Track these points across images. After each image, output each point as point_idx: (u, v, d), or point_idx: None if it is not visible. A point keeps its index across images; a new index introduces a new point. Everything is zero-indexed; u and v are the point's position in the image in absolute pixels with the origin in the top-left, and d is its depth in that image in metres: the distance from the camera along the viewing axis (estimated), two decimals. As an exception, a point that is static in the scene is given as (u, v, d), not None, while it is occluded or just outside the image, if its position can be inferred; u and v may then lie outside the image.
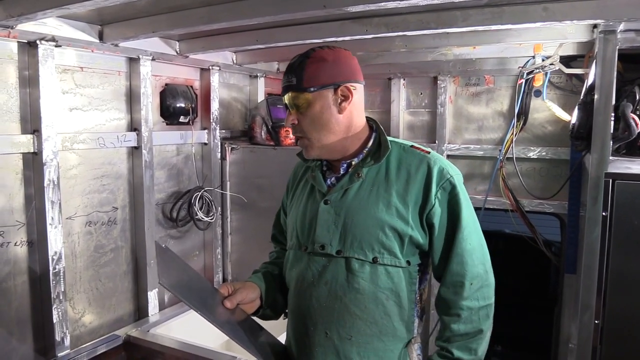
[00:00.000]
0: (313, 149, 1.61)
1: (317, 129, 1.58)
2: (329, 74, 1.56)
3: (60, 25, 2.38)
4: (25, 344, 2.46)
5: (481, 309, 1.55)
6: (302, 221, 1.67)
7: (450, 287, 1.56)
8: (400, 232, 1.54)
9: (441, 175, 1.55)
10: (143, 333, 2.83)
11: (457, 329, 1.54)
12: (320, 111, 1.56)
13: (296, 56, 1.61)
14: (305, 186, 1.75)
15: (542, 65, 3.06)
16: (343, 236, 1.57)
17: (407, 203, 1.54)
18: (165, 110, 3.17)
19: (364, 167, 1.59)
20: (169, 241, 3.30)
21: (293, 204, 1.77)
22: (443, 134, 3.67)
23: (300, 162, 1.84)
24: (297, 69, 1.56)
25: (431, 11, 2.27)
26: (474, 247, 1.56)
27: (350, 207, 1.57)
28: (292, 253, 1.72)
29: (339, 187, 1.61)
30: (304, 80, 1.54)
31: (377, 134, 1.66)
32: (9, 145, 2.32)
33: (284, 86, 1.60)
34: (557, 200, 3.30)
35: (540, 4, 2.10)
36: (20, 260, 2.42)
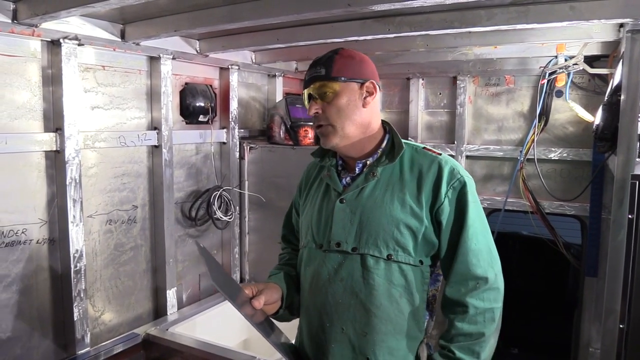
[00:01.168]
0: (335, 136, 1.62)
1: (341, 118, 1.61)
2: (356, 69, 1.62)
3: (83, 24, 2.40)
4: (46, 341, 2.48)
5: (487, 311, 1.55)
6: (317, 220, 1.70)
7: (455, 285, 1.57)
8: (415, 229, 1.57)
9: (452, 175, 1.59)
10: (162, 331, 2.84)
11: (460, 327, 1.54)
12: (347, 102, 1.60)
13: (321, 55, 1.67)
14: (319, 186, 1.77)
15: (566, 65, 3.02)
16: (359, 233, 1.60)
17: (420, 201, 1.58)
18: (184, 109, 3.18)
19: (378, 166, 1.64)
20: (188, 240, 3.31)
21: (307, 204, 1.80)
22: (462, 135, 3.64)
23: (313, 163, 1.88)
24: (326, 62, 1.61)
25: (455, 10, 2.25)
26: (479, 248, 1.57)
27: (366, 205, 1.61)
28: (307, 251, 1.73)
29: (354, 186, 1.64)
30: (332, 71, 1.60)
31: (391, 135, 1.71)
32: (32, 143, 2.33)
33: (311, 77, 1.63)
34: (578, 202, 3.26)
35: (566, 3, 2.08)
36: (42, 258, 2.44)
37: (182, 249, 3.27)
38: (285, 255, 1.96)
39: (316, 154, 1.82)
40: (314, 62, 1.66)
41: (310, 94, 1.64)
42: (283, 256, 1.97)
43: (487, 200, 3.60)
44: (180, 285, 3.24)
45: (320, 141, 1.70)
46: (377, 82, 1.67)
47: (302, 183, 1.90)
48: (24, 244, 2.35)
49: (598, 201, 3.13)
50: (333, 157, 1.76)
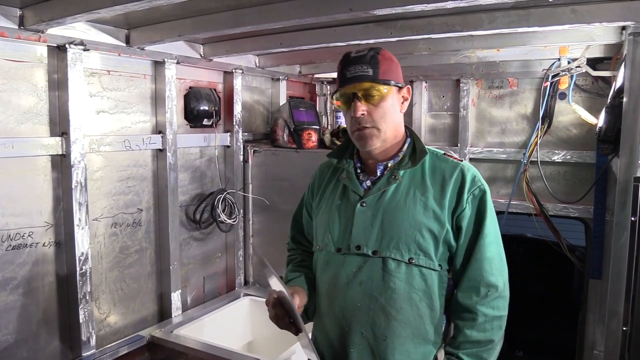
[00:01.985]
0: (378, 139, 1.62)
1: (386, 121, 1.61)
2: (397, 73, 1.65)
3: (88, 30, 2.43)
4: (52, 343, 2.50)
5: (495, 319, 1.59)
6: (336, 223, 1.68)
7: (466, 291, 1.60)
8: (437, 233, 1.58)
9: (473, 182, 1.62)
10: (166, 334, 2.85)
11: (469, 335, 1.57)
12: (392, 105, 1.61)
13: (356, 51, 1.63)
14: (335, 188, 1.75)
15: (569, 67, 3.02)
16: (380, 236, 1.59)
17: (443, 205, 1.59)
18: (189, 113, 3.21)
19: (400, 169, 1.63)
20: (192, 243, 3.33)
21: (322, 206, 1.77)
22: (465, 137, 3.65)
23: (326, 164, 1.86)
24: (372, 62, 1.58)
25: (457, 14, 2.27)
26: (493, 256, 1.61)
27: (388, 208, 1.60)
28: (323, 255, 1.71)
29: (375, 189, 1.63)
30: (380, 73, 1.57)
31: (412, 139, 1.71)
32: (38, 147, 2.36)
33: (356, 75, 1.58)
34: (582, 205, 3.25)
35: (568, 6, 2.08)
36: (48, 261, 2.46)
37: (187, 252, 3.28)
38: (296, 256, 1.94)
39: (333, 155, 1.81)
40: (354, 59, 1.61)
41: (355, 94, 1.60)
42: (294, 257, 1.94)
43: (490, 203, 3.60)
44: (185, 287, 3.26)
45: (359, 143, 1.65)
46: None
47: (315, 184, 1.87)
48: (30, 247, 2.38)
49: (602, 203, 3.12)
50: (350, 159, 1.74)
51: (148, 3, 1.77)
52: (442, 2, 1.78)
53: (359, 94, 1.58)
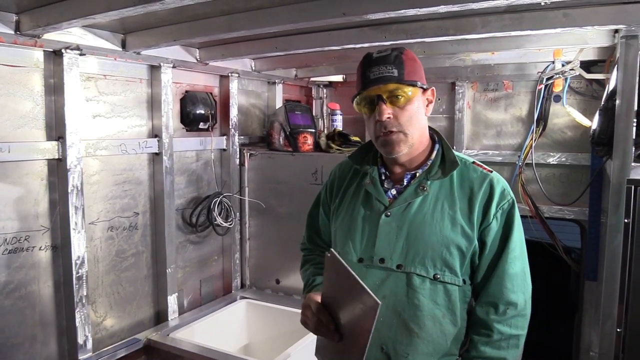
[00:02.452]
0: (406, 144, 1.54)
1: (413, 125, 1.53)
2: (422, 74, 1.56)
3: (84, 34, 2.44)
4: (49, 347, 2.51)
5: (512, 338, 1.53)
6: (359, 232, 1.60)
7: (485, 306, 1.54)
8: (464, 250, 1.52)
9: (502, 196, 1.54)
10: (163, 337, 2.86)
11: (483, 351, 1.52)
12: (417, 108, 1.53)
13: (378, 51, 1.55)
14: (357, 192, 1.67)
15: (562, 70, 3.04)
16: (405, 250, 1.52)
17: (472, 221, 1.52)
18: (185, 117, 3.21)
19: (428, 179, 1.56)
20: (189, 246, 3.33)
21: (342, 210, 1.69)
22: (461, 140, 3.66)
23: (346, 163, 1.77)
24: (396, 62, 1.49)
25: (450, 18, 2.28)
26: (516, 272, 1.54)
27: (414, 222, 1.53)
28: None
29: (402, 200, 1.55)
30: (405, 74, 1.48)
31: (441, 146, 1.64)
32: (35, 151, 2.37)
33: (381, 76, 1.48)
34: (577, 207, 3.27)
35: (560, 10, 2.10)
36: (45, 265, 2.47)
37: (183, 255, 3.29)
38: (314, 257, 1.86)
39: (354, 158, 1.71)
40: (377, 59, 1.51)
41: (380, 96, 1.50)
42: (311, 258, 1.85)
43: (486, 205, 3.61)
44: (182, 291, 3.26)
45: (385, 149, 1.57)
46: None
47: (334, 184, 1.78)
48: (26, 250, 2.38)
49: (597, 205, 3.14)
50: (374, 165, 1.66)
51: (143, 8, 1.78)
52: (434, 7, 1.80)
53: (384, 96, 1.50)
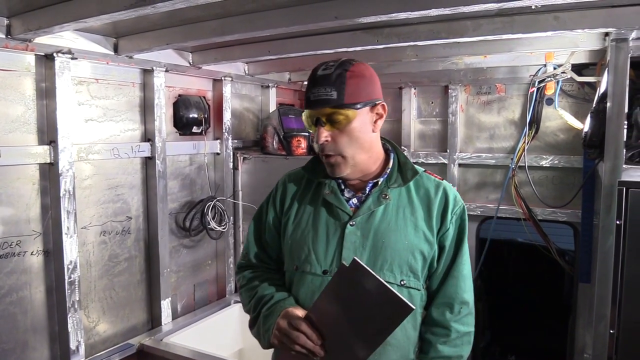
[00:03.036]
0: (347, 167, 1.54)
1: (353, 147, 1.51)
2: (368, 90, 1.51)
3: (76, 38, 2.43)
4: (41, 353, 2.49)
5: (465, 335, 1.60)
6: (323, 244, 1.58)
7: (441, 307, 1.60)
8: (426, 255, 1.56)
9: (455, 202, 1.61)
10: (156, 342, 2.85)
11: (442, 350, 1.56)
12: (359, 129, 1.50)
13: (324, 66, 1.51)
14: (314, 203, 1.64)
15: (554, 73, 3.06)
16: (372, 259, 1.53)
17: (431, 226, 1.57)
18: (178, 121, 3.21)
19: (389, 188, 1.57)
20: (182, 250, 3.32)
21: (296, 222, 1.65)
22: (454, 143, 3.68)
23: (294, 175, 1.75)
24: (337, 82, 1.45)
25: (442, 21, 2.29)
26: (467, 274, 1.62)
27: (379, 229, 1.54)
28: (302, 276, 1.59)
29: (366, 209, 1.55)
30: (345, 96, 1.45)
31: (396, 154, 1.65)
32: (26, 156, 2.36)
33: (320, 99, 1.47)
34: (570, 209, 3.29)
35: (551, 13, 2.11)
36: (37, 270, 2.46)
37: (177, 260, 3.28)
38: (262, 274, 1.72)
39: (307, 169, 1.70)
40: (319, 79, 1.48)
41: (319, 119, 1.50)
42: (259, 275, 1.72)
43: (480, 208, 3.63)
44: (175, 295, 3.25)
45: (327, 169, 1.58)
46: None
47: (285, 196, 1.72)
48: (18, 255, 2.37)
49: (589, 207, 3.15)
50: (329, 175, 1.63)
51: (135, 12, 1.78)
52: (425, 10, 1.81)
53: (323, 119, 1.49)
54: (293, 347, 1.42)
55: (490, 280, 4.62)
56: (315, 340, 1.39)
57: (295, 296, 1.60)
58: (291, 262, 1.63)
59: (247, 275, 1.74)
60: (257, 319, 1.60)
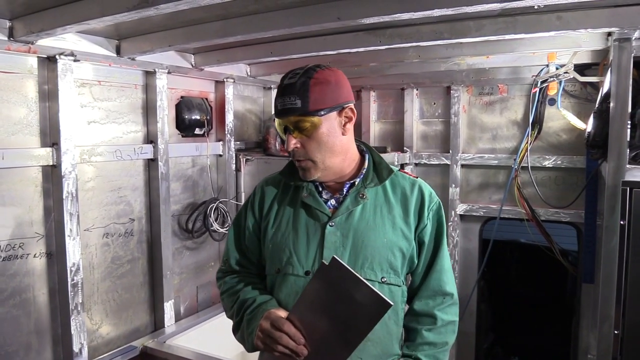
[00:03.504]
0: (317, 170, 1.58)
1: (322, 151, 1.55)
2: (334, 96, 1.53)
3: (78, 40, 2.44)
4: (44, 355, 2.49)
5: (450, 324, 1.65)
6: (303, 245, 1.60)
7: (424, 299, 1.65)
8: (405, 251, 1.61)
9: (431, 199, 1.66)
10: (159, 344, 2.84)
11: (427, 337, 1.62)
12: (327, 134, 1.53)
13: (291, 74, 1.55)
14: (293, 206, 1.66)
15: (557, 73, 3.05)
16: (353, 257, 1.56)
17: (409, 223, 1.62)
18: (180, 123, 3.21)
19: (366, 188, 1.61)
20: (185, 252, 3.32)
21: (275, 226, 1.67)
22: (457, 144, 3.67)
23: (272, 180, 1.77)
24: (301, 91, 1.49)
25: (444, 22, 2.29)
26: (448, 267, 1.68)
27: (358, 229, 1.58)
28: (284, 278, 1.61)
29: (344, 209, 1.59)
30: (309, 103, 1.49)
31: (371, 155, 1.69)
32: (29, 158, 2.36)
33: (285, 108, 1.51)
34: (573, 209, 3.28)
35: (554, 13, 2.11)
36: (39, 272, 2.46)
37: (179, 261, 3.28)
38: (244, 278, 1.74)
39: (285, 174, 1.71)
40: (285, 88, 1.52)
41: (287, 127, 1.54)
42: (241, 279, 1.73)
43: (482, 209, 3.62)
44: (178, 297, 3.25)
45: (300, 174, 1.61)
46: (354, 101, 1.61)
47: (263, 201, 1.73)
48: (21, 258, 2.37)
49: (593, 208, 3.14)
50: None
51: (137, 14, 1.78)
52: (428, 10, 1.81)
53: (290, 127, 1.53)
54: (276, 347, 1.44)
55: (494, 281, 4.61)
56: (298, 340, 1.42)
57: (277, 299, 1.61)
58: (272, 265, 1.65)
59: (229, 280, 1.75)
60: (240, 323, 1.62)
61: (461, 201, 3.69)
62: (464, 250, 3.80)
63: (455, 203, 3.68)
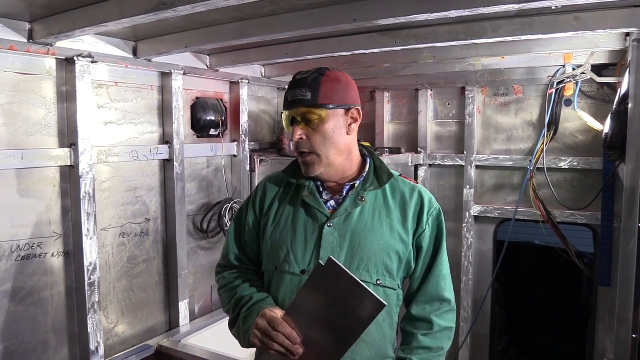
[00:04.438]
0: (320, 165, 1.60)
1: (326, 146, 1.58)
2: (343, 95, 1.58)
3: (96, 42, 2.47)
4: (61, 353, 2.52)
5: (446, 330, 1.65)
6: (301, 244, 1.62)
7: (422, 304, 1.66)
8: (401, 255, 1.61)
9: (431, 204, 1.67)
10: (174, 343, 2.86)
11: (423, 341, 1.62)
12: (332, 129, 1.57)
13: (304, 72, 1.59)
14: (293, 205, 1.68)
15: (573, 74, 3.03)
16: (349, 259, 1.57)
17: (406, 228, 1.62)
18: (196, 124, 3.23)
19: (366, 190, 1.63)
20: (200, 252, 3.34)
21: (278, 224, 1.68)
22: (471, 145, 3.65)
23: (275, 178, 1.78)
24: (312, 85, 1.54)
25: (461, 22, 2.28)
26: (447, 273, 1.68)
27: (356, 231, 1.59)
28: (281, 276, 1.62)
29: (343, 210, 1.60)
30: (319, 96, 1.53)
31: (372, 159, 1.71)
32: (47, 158, 2.39)
33: (295, 99, 1.56)
34: (589, 211, 3.24)
35: (571, 14, 2.09)
36: (57, 271, 2.49)
37: (194, 261, 3.30)
38: (242, 274, 1.76)
39: (288, 172, 1.73)
40: (297, 82, 1.57)
41: (294, 118, 1.58)
42: (240, 275, 1.75)
43: (497, 210, 3.60)
44: (193, 297, 3.27)
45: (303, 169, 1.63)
46: (360, 106, 1.64)
47: (264, 199, 1.75)
48: (39, 257, 2.40)
49: (610, 210, 3.11)
50: (310, 178, 1.67)
51: (155, 16, 1.80)
52: (445, 12, 1.80)
53: (298, 118, 1.57)
54: (272, 346, 1.46)
55: (508, 283, 4.58)
56: (294, 339, 1.44)
57: (274, 296, 1.64)
58: (270, 263, 1.67)
59: (227, 276, 1.77)
60: (237, 319, 1.63)
61: (476, 202, 3.67)
62: (478, 252, 3.78)
63: (469, 204, 3.66)
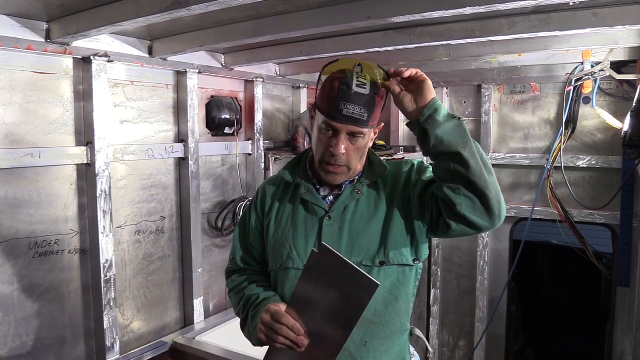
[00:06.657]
0: (347, 176, 1.64)
1: (358, 159, 1.62)
2: (382, 111, 1.62)
3: (112, 42, 2.49)
4: (77, 349, 2.55)
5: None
6: (302, 240, 1.65)
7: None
8: (406, 230, 1.61)
9: (408, 162, 1.70)
10: (189, 340, 2.88)
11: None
12: (366, 145, 1.62)
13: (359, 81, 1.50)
14: (293, 204, 1.72)
15: (592, 71, 2.98)
16: (350, 246, 1.60)
17: (403, 200, 1.62)
18: (210, 122, 3.24)
19: (362, 183, 1.66)
20: (214, 250, 3.36)
21: (279, 224, 1.72)
22: (488, 143, 3.62)
23: (273, 181, 1.82)
24: (370, 104, 1.51)
25: (476, 19, 2.26)
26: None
27: (354, 220, 1.62)
28: (286, 273, 1.65)
29: (340, 204, 1.64)
30: (372, 118, 1.53)
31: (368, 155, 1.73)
32: (64, 157, 2.42)
33: (352, 117, 1.50)
34: (608, 211, 3.20)
35: (589, 10, 2.06)
36: (74, 268, 2.52)
37: (209, 259, 3.32)
38: (250, 276, 1.80)
39: (286, 172, 1.75)
40: (356, 97, 1.49)
41: (339, 130, 1.54)
42: (247, 277, 1.79)
43: (514, 209, 3.56)
44: (207, 294, 3.29)
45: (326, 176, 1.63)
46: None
47: (265, 201, 1.79)
48: (56, 254, 2.43)
49: (629, 209, 3.06)
50: (305, 176, 1.72)
51: (170, 15, 1.81)
52: (460, 9, 1.78)
53: (345, 133, 1.54)
54: (277, 339, 1.47)
55: (525, 283, 4.54)
56: (298, 330, 1.44)
57: (281, 293, 1.66)
58: (275, 262, 1.70)
59: (235, 279, 1.82)
60: (246, 319, 1.65)
61: (492, 201, 3.63)
62: (494, 251, 3.75)
63: (485, 203, 3.62)
